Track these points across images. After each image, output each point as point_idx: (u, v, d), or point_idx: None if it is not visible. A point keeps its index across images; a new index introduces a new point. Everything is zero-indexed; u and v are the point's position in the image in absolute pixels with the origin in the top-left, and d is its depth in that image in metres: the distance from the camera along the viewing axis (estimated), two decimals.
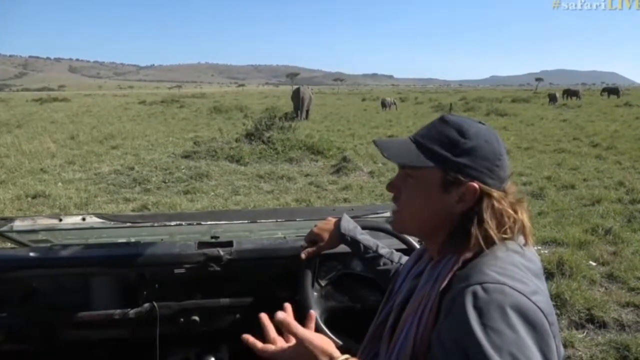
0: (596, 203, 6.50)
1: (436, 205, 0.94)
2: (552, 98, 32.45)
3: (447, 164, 0.92)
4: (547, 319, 0.79)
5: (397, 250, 1.78)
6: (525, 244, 0.93)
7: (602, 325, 3.34)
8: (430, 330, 0.86)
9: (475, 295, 0.79)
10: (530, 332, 0.76)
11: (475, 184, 0.91)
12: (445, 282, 0.88)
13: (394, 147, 0.99)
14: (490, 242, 0.89)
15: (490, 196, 0.91)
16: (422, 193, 0.95)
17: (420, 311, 0.90)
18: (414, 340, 0.89)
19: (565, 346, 3.08)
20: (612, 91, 39.63)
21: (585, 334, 3.25)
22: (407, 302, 1.00)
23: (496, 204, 0.91)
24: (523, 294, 0.79)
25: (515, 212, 0.93)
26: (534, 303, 0.79)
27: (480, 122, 0.97)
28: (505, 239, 0.90)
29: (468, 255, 0.89)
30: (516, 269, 0.85)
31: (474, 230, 0.89)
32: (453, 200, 0.93)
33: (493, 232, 0.89)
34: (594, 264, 4.38)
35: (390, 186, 1.03)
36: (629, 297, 3.70)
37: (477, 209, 0.91)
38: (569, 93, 37.13)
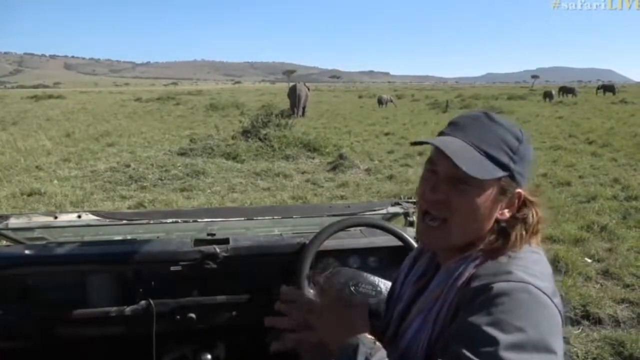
0: (592, 200, 6.53)
1: (489, 214, 0.90)
2: (548, 95, 32.51)
3: (509, 173, 0.88)
4: (562, 320, 0.81)
5: (394, 247, 1.78)
6: (539, 243, 0.94)
7: (598, 321, 3.35)
8: (447, 327, 0.85)
9: (500, 293, 0.78)
10: (550, 332, 0.77)
11: (521, 191, 0.91)
12: (465, 278, 0.87)
13: (463, 156, 0.85)
14: (522, 244, 0.89)
15: (532, 202, 0.92)
16: (479, 203, 0.87)
17: (437, 310, 0.88)
18: (430, 339, 0.88)
19: None
20: (608, 88, 39.70)
21: (580, 330, 3.26)
22: (409, 309, 0.99)
23: (537, 209, 0.92)
24: (547, 295, 0.80)
25: (542, 213, 0.94)
26: (555, 305, 0.80)
27: None
28: (532, 240, 0.91)
29: (492, 254, 0.88)
30: (539, 267, 0.86)
31: (514, 235, 0.89)
32: (501, 207, 0.91)
33: (529, 235, 0.90)
34: (589, 260, 4.40)
35: (438, 193, 0.90)
36: (624, 293, 3.72)
37: (520, 214, 0.91)
38: (565, 90, 37.19)
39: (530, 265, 0.85)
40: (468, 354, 0.73)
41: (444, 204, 0.89)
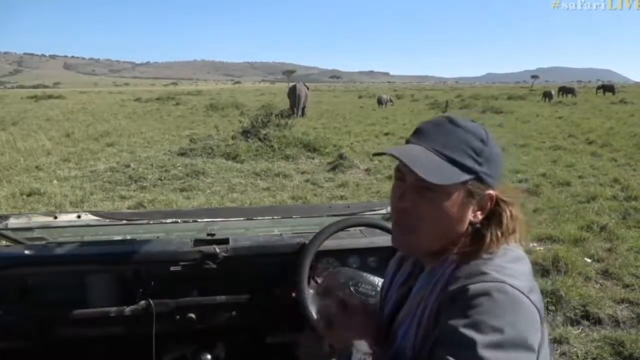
0: (591, 200, 6.53)
1: (458, 218, 0.90)
2: (548, 95, 32.55)
3: (476, 176, 0.88)
4: (540, 317, 0.81)
5: (394, 247, 1.77)
6: (517, 241, 0.94)
7: (597, 321, 3.35)
8: (430, 331, 0.86)
9: (476, 294, 0.79)
10: (527, 329, 0.77)
11: (492, 192, 0.90)
12: (444, 282, 0.88)
13: (421, 161, 0.86)
14: (498, 245, 0.89)
15: (505, 202, 0.91)
16: (446, 208, 0.88)
17: (420, 313, 0.90)
18: (414, 343, 0.89)
19: (560, 342, 3.10)
20: (608, 88, 39.72)
21: (580, 330, 3.26)
22: (396, 312, 1.00)
23: (511, 208, 0.91)
24: (522, 292, 0.80)
25: (517, 212, 0.93)
26: (532, 302, 0.80)
27: (472, 121, 0.96)
28: (509, 239, 0.91)
29: (468, 256, 0.89)
30: (515, 266, 0.86)
31: (489, 237, 0.89)
32: (473, 210, 0.91)
33: (505, 235, 0.90)
34: (589, 260, 4.39)
35: (405, 200, 0.91)
36: (623, 293, 3.72)
37: (495, 216, 0.91)
38: (564, 90, 37.22)
39: (507, 265, 0.85)
40: (448, 357, 0.74)
41: (412, 211, 0.90)
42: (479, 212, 0.91)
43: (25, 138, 12.73)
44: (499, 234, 0.89)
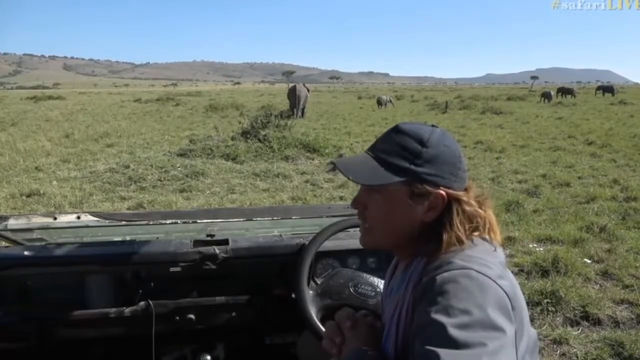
0: (591, 201, 6.53)
1: (406, 217, 0.94)
2: (547, 96, 32.57)
3: (412, 177, 0.91)
4: (511, 303, 0.82)
5: None
6: (493, 240, 0.96)
7: (597, 322, 3.35)
8: (409, 328, 0.88)
9: (443, 282, 0.81)
10: (495, 311, 0.78)
11: (442, 192, 0.92)
12: (416, 280, 0.90)
13: (356, 167, 0.96)
14: (460, 243, 0.91)
15: (458, 200, 0.93)
16: (390, 208, 0.94)
17: (397, 314, 0.92)
18: (396, 342, 0.91)
19: (560, 343, 3.10)
20: (607, 89, 39.75)
21: (580, 330, 3.27)
22: None
23: (465, 206, 0.93)
24: (489, 277, 0.82)
25: (483, 210, 0.95)
26: (500, 286, 0.82)
27: (433, 126, 0.98)
28: (474, 237, 0.93)
29: (434, 253, 0.91)
30: (482, 255, 0.88)
31: (446, 235, 0.91)
32: (423, 210, 0.93)
33: (463, 233, 0.91)
34: (588, 261, 4.40)
35: (356, 203, 1.01)
36: (623, 294, 3.72)
37: (447, 214, 0.92)
38: (563, 91, 37.26)
39: (475, 255, 0.88)
40: (421, 345, 0.76)
41: (364, 212, 0.99)
42: (430, 212, 0.93)
43: (24, 139, 12.74)
44: (457, 231, 0.91)
